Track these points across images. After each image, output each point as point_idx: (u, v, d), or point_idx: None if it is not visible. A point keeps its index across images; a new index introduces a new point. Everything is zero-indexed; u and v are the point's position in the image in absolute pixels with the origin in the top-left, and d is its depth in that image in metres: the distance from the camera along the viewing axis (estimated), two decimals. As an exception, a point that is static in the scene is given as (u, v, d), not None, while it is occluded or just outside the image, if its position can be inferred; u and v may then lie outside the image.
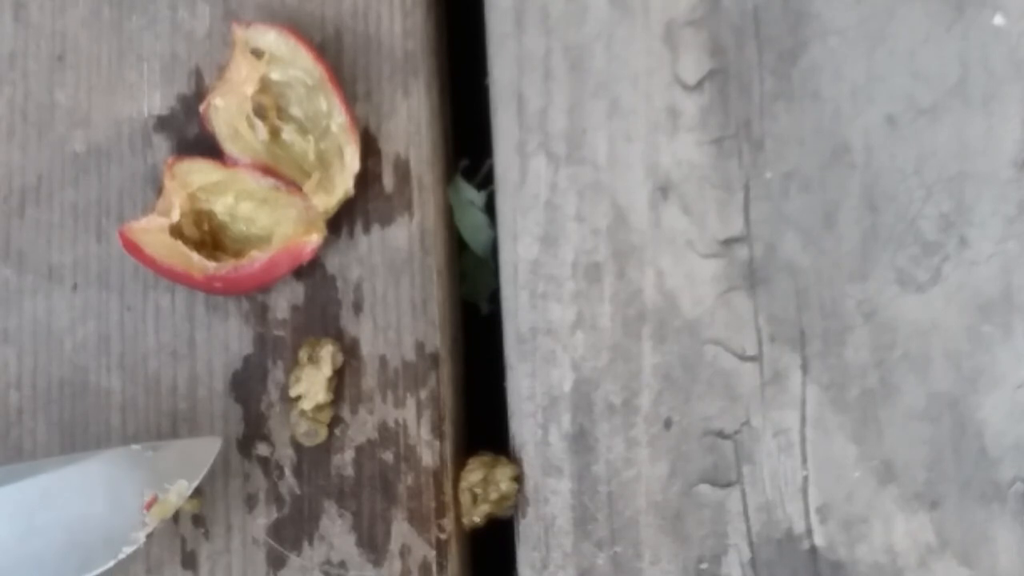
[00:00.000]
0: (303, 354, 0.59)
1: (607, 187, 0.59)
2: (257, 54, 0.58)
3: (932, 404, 0.58)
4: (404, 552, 0.58)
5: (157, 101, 0.61)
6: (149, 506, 0.54)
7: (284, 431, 0.59)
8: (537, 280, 0.59)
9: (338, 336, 0.59)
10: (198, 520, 0.59)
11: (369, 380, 0.59)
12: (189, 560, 0.58)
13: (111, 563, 0.54)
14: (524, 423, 0.59)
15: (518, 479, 0.59)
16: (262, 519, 0.59)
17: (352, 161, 0.58)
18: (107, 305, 0.60)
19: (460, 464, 0.59)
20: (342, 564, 0.58)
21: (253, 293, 0.59)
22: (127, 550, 0.54)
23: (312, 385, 0.58)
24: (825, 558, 0.57)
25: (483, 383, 0.63)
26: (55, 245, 0.60)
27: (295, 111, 0.59)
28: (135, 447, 0.55)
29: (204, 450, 0.56)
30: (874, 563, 0.57)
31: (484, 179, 0.63)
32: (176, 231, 0.58)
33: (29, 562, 0.53)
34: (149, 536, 0.55)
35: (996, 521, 0.57)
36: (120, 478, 0.54)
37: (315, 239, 0.58)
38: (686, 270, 0.59)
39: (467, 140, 0.64)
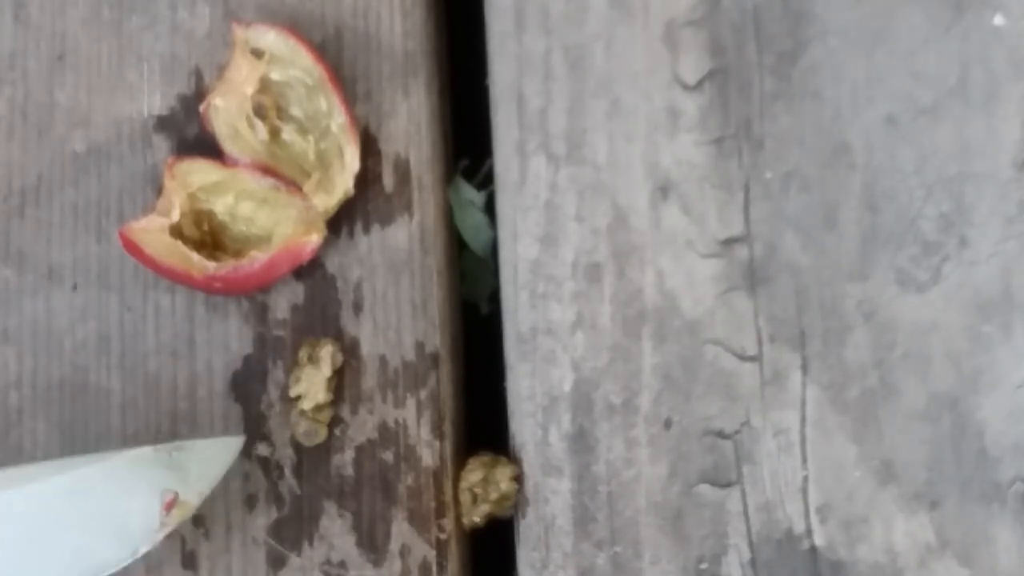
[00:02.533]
0: (303, 354, 0.59)
1: (607, 187, 0.59)
2: (257, 54, 0.58)
3: (932, 404, 0.58)
4: (404, 552, 0.58)
5: (157, 101, 0.61)
6: (169, 507, 0.54)
7: (284, 431, 0.59)
8: (537, 280, 0.59)
9: (338, 336, 0.59)
10: (198, 520, 0.59)
11: (369, 380, 0.59)
12: (189, 560, 0.58)
13: (128, 562, 0.54)
14: (524, 423, 0.59)
15: (518, 479, 0.59)
16: (262, 519, 0.59)
17: (352, 161, 0.58)
18: (107, 305, 0.60)
19: (460, 464, 0.59)
20: (342, 564, 0.58)
21: (253, 293, 0.59)
22: (144, 550, 0.54)
23: (312, 385, 0.58)
24: (825, 558, 0.57)
25: (483, 383, 0.63)
26: (55, 245, 0.60)
27: (295, 111, 0.59)
28: (159, 447, 0.55)
29: (225, 450, 0.56)
30: (874, 563, 0.57)
31: (484, 179, 0.63)
32: (176, 231, 0.58)
33: (46, 561, 0.53)
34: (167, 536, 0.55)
35: (996, 521, 0.57)
36: (140, 478, 0.54)
37: (315, 239, 0.58)
38: (686, 270, 0.59)
39: (467, 140, 0.64)
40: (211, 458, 0.55)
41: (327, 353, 0.58)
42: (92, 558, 0.53)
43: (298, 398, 0.58)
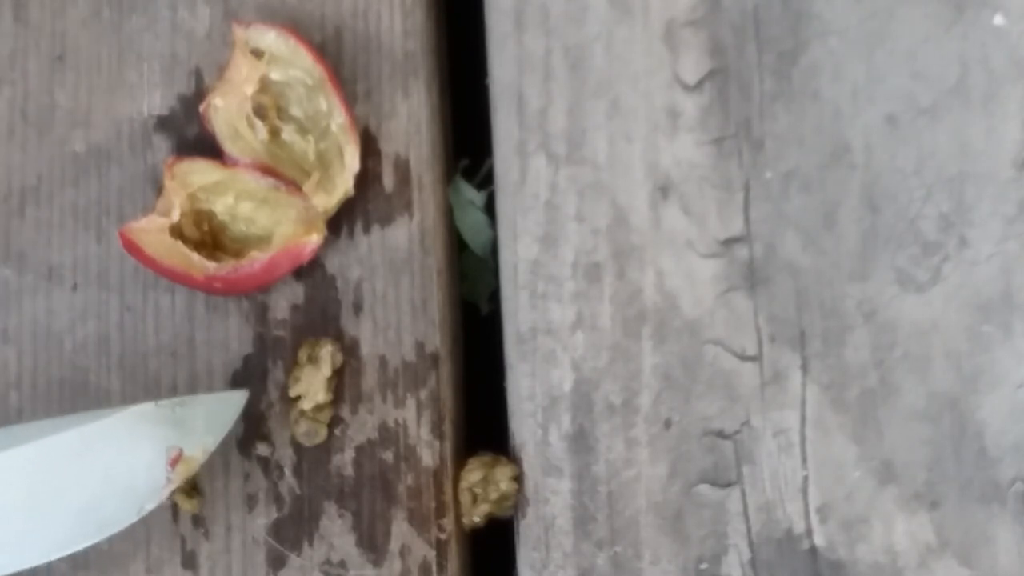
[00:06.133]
0: (303, 354, 0.59)
1: (607, 187, 0.59)
2: (257, 54, 0.59)
3: (932, 404, 0.58)
4: (404, 552, 0.58)
5: (157, 101, 0.61)
6: (174, 463, 0.54)
7: (284, 431, 0.59)
8: (537, 280, 0.59)
9: (338, 336, 0.59)
10: (198, 520, 0.59)
11: (369, 380, 0.59)
12: (189, 560, 0.58)
13: (134, 519, 0.54)
14: (524, 423, 0.59)
15: (518, 479, 0.59)
16: (262, 519, 0.59)
17: (352, 161, 0.59)
18: (107, 305, 0.60)
19: (460, 464, 0.59)
20: (342, 564, 0.58)
21: (253, 293, 0.59)
22: (150, 507, 0.54)
23: (312, 385, 0.58)
24: (825, 558, 0.57)
25: (483, 383, 0.63)
26: (55, 245, 0.60)
27: (295, 111, 0.59)
28: (162, 402, 0.54)
29: (230, 405, 0.56)
30: (874, 563, 0.57)
31: (484, 179, 0.63)
32: (176, 231, 0.58)
33: (52, 519, 0.53)
34: (172, 494, 0.55)
35: (996, 521, 0.57)
36: (145, 434, 0.53)
37: (315, 239, 0.58)
38: (686, 270, 0.59)
39: (467, 140, 0.64)
40: (215, 413, 0.55)
41: (327, 353, 0.58)
42: (97, 516, 0.53)
43: (298, 398, 0.58)
